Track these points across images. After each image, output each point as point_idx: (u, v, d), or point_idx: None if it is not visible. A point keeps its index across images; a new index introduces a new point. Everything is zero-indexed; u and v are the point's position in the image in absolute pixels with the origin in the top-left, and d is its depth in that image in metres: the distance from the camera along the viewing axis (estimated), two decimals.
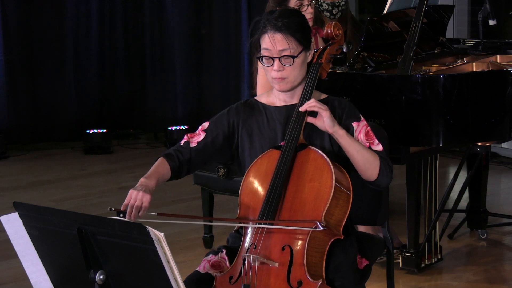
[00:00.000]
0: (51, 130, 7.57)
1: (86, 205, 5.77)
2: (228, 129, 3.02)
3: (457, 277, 4.43)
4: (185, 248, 4.87)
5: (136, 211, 2.74)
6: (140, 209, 2.75)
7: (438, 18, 5.00)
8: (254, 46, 2.95)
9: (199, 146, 3.00)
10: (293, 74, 2.92)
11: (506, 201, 5.87)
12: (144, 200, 2.76)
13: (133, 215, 2.74)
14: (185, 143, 3.02)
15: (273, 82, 2.95)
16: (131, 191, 2.78)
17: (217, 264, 2.92)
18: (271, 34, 2.88)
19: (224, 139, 3.02)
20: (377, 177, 2.89)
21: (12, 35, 7.32)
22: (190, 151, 3.00)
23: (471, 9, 7.30)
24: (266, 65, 2.93)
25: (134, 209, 2.74)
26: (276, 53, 2.89)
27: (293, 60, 2.89)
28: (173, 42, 7.72)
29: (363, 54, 4.42)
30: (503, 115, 4.18)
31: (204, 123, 3.06)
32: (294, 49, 2.89)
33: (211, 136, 3.01)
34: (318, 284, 2.68)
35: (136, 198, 2.76)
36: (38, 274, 2.56)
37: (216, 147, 3.02)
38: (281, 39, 2.88)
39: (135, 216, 2.74)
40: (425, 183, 4.39)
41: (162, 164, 2.98)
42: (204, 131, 3.03)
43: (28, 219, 2.49)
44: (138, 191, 2.78)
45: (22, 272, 2.62)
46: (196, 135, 3.03)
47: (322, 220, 2.75)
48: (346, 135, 2.87)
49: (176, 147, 3.03)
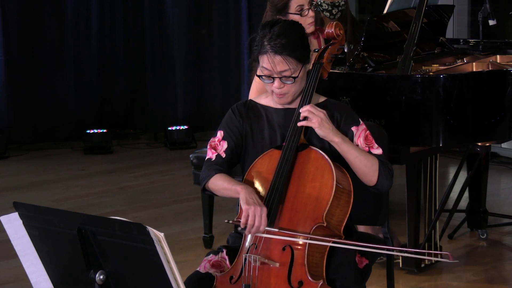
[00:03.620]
0: (51, 130, 7.56)
1: (86, 205, 5.77)
2: (240, 133, 3.02)
3: (457, 277, 4.42)
4: (185, 248, 4.87)
5: (257, 228, 2.74)
6: (260, 225, 2.74)
7: (438, 18, 5.00)
8: (253, 62, 2.96)
9: (227, 155, 2.98)
10: (293, 89, 2.93)
11: (506, 201, 5.87)
12: (263, 216, 2.74)
13: (253, 232, 2.75)
14: (217, 156, 2.97)
15: (274, 96, 2.95)
16: (245, 207, 2.74)
17: (218, 264, 2.92)
18: (270, 57, 2.87)
19: (242, 142, 3.01)
20: (377, 182, 2.90)
21: (12, 35, 7.31)
22: (225, 163, 2.97)
23: (471, 9, 7.30)
24: (266, 81, 2.93)
25: (255, 227, 2.73)
26: (276, 73, 2.89)
27: (293, 79, 2.89)
28: (173, 42, 7.72)
29: (363, 54, 4.42)
30: (503, 115, 4.18)
31: (218, 132, 3.02)
32: (294, 69, 2.88)
33: (233, 142, 3.00)
34: (319, 284, 2.68)
35: (254, 214, 2.73)
36: (38, 274, 2.56)
37: (239, 150, 3.02)
38: (281, 61, 2.86)
39: (256, 232, 2.76)
40: (425, 183, 4.39)
41: (226, 176, 2.93)
42: (224, 139, 3.00)
43: (28, 219, 2.49)
44: (254, 205, 2.74)
45: (22, 272, 2.62)
46: (219, 146, 2.99)
47: (323, 220, 2.75)
48: (342, 142, 2.86)
49: (210, 163, 2.97)
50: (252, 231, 2.74)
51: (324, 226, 2.76)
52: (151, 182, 6.30)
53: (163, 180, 6.35)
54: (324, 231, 2.78)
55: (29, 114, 7.47)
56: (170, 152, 7.16)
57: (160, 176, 6.43)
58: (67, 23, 7.51)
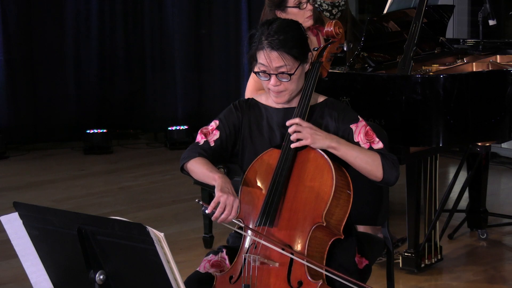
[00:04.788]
0: (51, 130, 7.56)
1: (86, 205, 5.77)
2: (237, 128, 3.01)
3: (457, 277, 4.42)
4: (185, 248, 4.87)
5: (226, 217, 2.73)
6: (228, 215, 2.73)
7: (438, 18, 5.00)
8: (251, 58, 2.94)
9: (216, 145, 2.98)
10: (290, 88, 2.92)
11: (506, 201, 5.87)
12: (234, 206, 2.73)
13: (220, 220, 2.73)
14: (204, 142, 2.98)
15: (270, 94, 2.95)
16: (219, 194, 2.74)
17: (217, 264, 2.92)
18: (266, 52, 2.86)
19: (236, 136, 3.01)
20: (383, 176, 2.88)
21: (12, 35, 7.32)
22: (211, 150, 2.97)
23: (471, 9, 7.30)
24: (263, 79, 2.92)
25: (224, 215, 2.72)
26: (272, 69, 2.88)
27: (290, 76, 2.88)
28: (173, 42, 7.72)
29: (363, 54, 4.42)
30: (503, 115, 4.18)
31: (214, 121, 3.02)
32: (290, 66, 2.87)
33: (225, 134, 2.99)
34: (319, 284, 2.68)
35: (225, 203, 2.73)
36: (38, 274, 2.56)
37: (230, 144, 3.01)
38: (277, 57, 2.86)
39: (223, 221, 2.73)
40: (425, 183, 4.39)
41: (207, 161, 2.92)
42: (217, 129, 3.00)
43: (28, 219, 2.49)
44: (228, 194, 2.74)
45: (22, 272, 2.62)
46: (211, 134, 2.99)
47: (323, 220, 2.75)
48: (339, 145, 2.85)
49: (196, 146, 2.98)
50: (219, 219, 2.72)
51: (324, 226, 2.76)
52: (151, 182, 6.30)
53: (163, 180, 6.35)
54: (323, 230, 2.78)
55: (29, 114, 7.47)
56: (170, 152, 7.16)
57: (160, 176, 6.43)
58: (67, 23, 7.51)
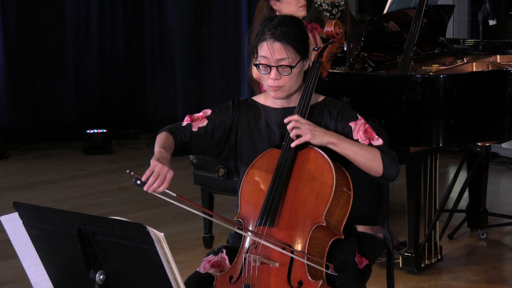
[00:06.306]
0: (51, 130, 7.57)
1: (86, 205, 5.77)
2: (229, 124, 3.00)
3: (457, 277, 4.42)
4: (185, 248, 4.87)
5: (158, 186, 2.66)
6: (161, 184, 2.66)
7: (438, 18, 5.00)
8: (252, 52, 2.94)
9: (200, 132, 2.96)
10: (289, 83, 2.91)
11: (506, 201, 5.87)
12: (167, 176, 2.67)
13: (152, 188, 2.65)
14: (187, 125, 2.97)
15: (269, 89, 2.94)
16: (155, 163, 2.68)
17: (217, 264, 2.92)
18: (269, 43, 2.86)
19: (224, 132, 3.00)
20: (383, 171, 2.88)
21: (12, 35, 7.32)
22: (191, 135, 2.96)
23: (471, 9, 7.31)
24: (263, 72, 2.92)
25: (156, 183, 2.65)
26: (274, 62, 2.87)
27: (291, 70, 2.88)
28: (173, 42, 7.73)
29: (363, 54, 4.42)
30: (503, 115, 4.18)
31: (206, 110, 3.01)
32: (292, 58, 2.87)
33: (213, 125, 2.98)
34: (319, 285, 2.68)
35: (159, 172, 2.66)
36: (38, 274, 2.56)
37: (214, 138, 2.99)
38: (280, 48, 2.86)
39: (155, 190, 2.66)
40: (425, 183, 4.39)
41: (169, 138, 2.90)
42: (207, 118, 2.99)
43: (28, 219, 2.49)
44: (163, 164, 2.68)
45: (22, 272, 2.62)
46: (198, 120, 2.98)
47: (323, 220, 2.75)
48: (339, 141, 2.84)
49: (177, 125, 2.97)
50: (150, 188, 2.65)
51: (324, 226, 2.75)
52: None
53: None
54: (324, 230, 2.78)
55: (29, 114, 7.48)
56: None
57: None
58: (67, 23, 7.52)
